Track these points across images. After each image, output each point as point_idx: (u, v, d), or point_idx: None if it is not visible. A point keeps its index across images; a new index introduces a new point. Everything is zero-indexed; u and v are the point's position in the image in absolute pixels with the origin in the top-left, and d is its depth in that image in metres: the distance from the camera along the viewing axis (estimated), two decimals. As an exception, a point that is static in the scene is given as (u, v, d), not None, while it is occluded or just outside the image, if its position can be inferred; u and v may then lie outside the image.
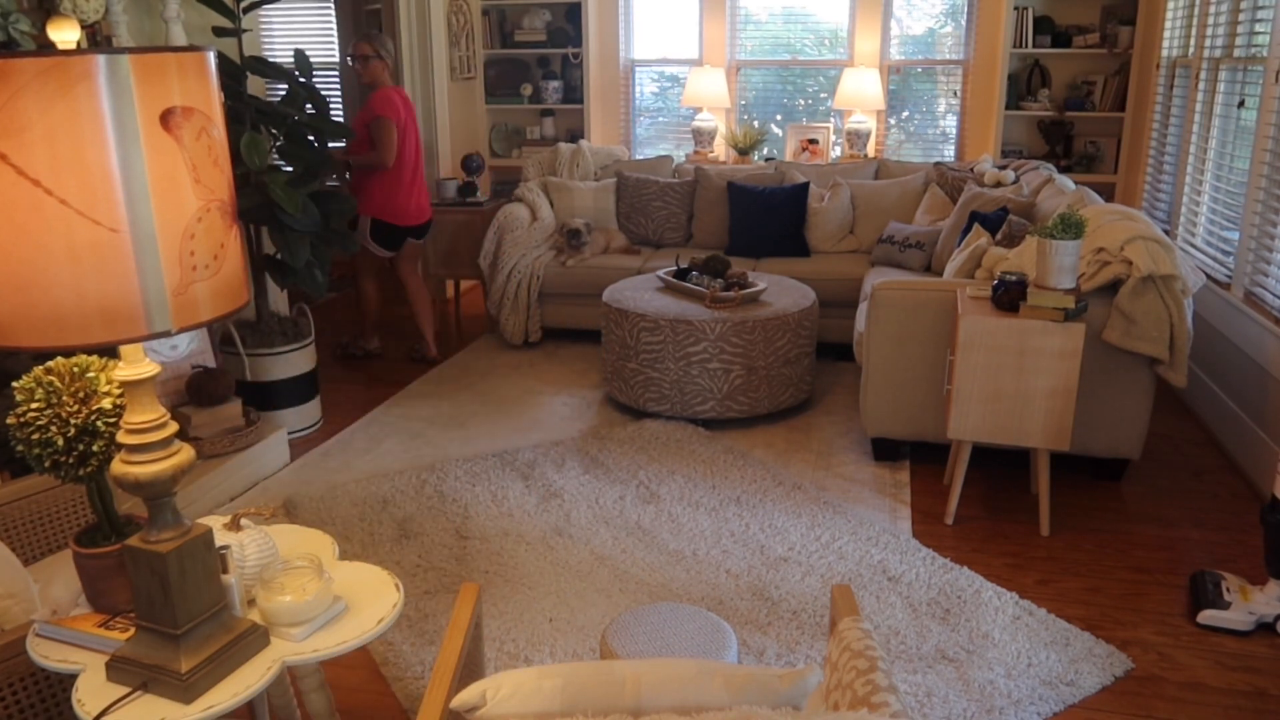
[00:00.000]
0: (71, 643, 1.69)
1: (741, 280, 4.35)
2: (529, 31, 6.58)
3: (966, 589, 2.91)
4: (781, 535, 3.24)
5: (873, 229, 5.39)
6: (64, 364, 1.70)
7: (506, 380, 4.84)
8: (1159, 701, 2.44)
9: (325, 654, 1.67)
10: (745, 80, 6.67)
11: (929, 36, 6.33)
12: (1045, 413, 3.14)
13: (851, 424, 4.20)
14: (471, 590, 1.77)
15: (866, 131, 6.25)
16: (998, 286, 3.21)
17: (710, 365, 4.07)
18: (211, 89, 1.39)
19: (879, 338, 3.63)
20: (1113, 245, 3.29)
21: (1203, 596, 2.78)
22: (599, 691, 1.33)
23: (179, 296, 1.35)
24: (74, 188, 1.24)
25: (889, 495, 3.54)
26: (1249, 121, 4.13)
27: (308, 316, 4.28)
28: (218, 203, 1.40)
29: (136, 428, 1.47)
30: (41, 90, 1.20)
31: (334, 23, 7.42)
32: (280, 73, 3.82)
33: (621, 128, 6.89)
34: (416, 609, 2.83)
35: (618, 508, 3.44)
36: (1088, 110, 5.92)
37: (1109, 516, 3.41)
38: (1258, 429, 3.62)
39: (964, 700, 2.41)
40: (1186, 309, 3.23)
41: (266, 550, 1.82)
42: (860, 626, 1.49)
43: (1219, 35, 4.49)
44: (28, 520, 2.35)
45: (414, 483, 3.65)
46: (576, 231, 5.31)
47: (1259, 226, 3.82)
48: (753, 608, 2.82)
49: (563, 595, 2.90)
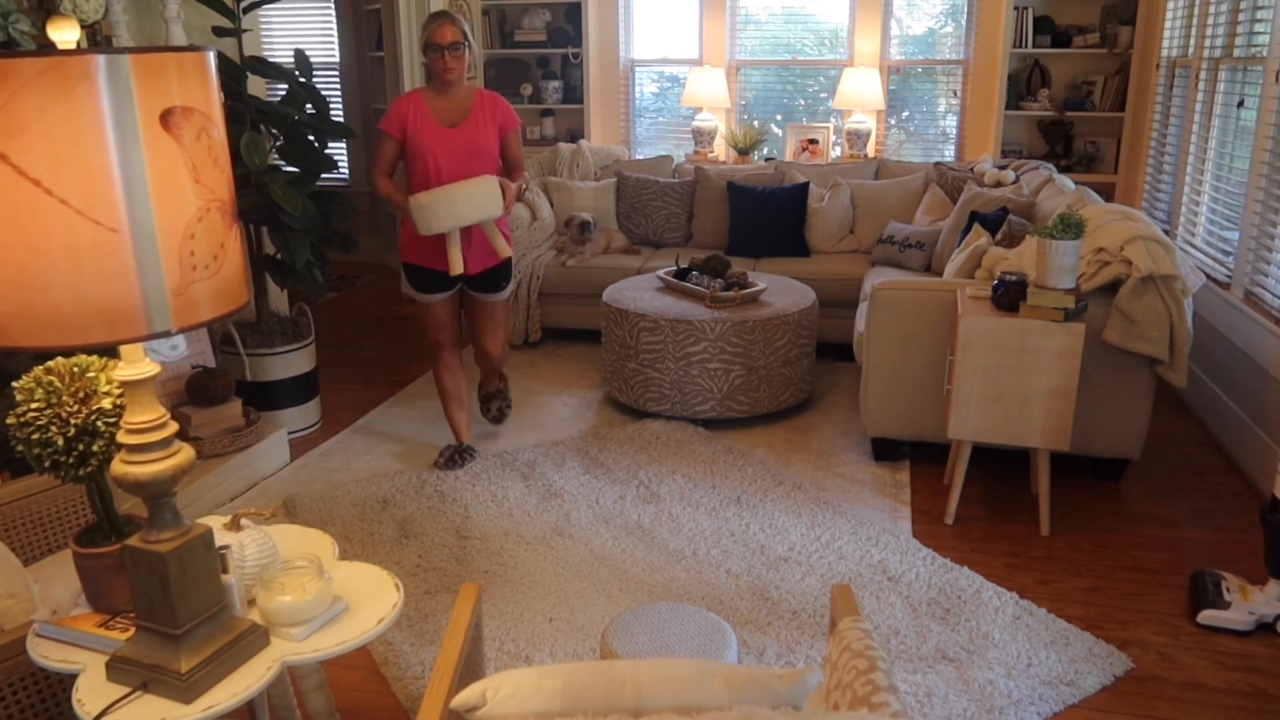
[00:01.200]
0: (71, 643, 1.69)
1: (741, 280, 4.35)
2: (529, 31, 6.58)
3: (966, 589, 2.90)
4: (781, 535, 3.24)
5: (873, 229, 5.39)
6: (64, 364, 1.70)
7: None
8: (1159, 701, 2.44)
9: (325, 654, 1.67)
10: (745, 80, 6.67)
11: (929, 36, 6.33)
12: (1045, 413, 3.14)
13: (851, 424, 4.20)
14: (471, 590, 1.77)
15: (866, 131, 6.24)
16: (998, 286, 3.21)
17: (710, 365, 4.07)
18: (211, 89, 1.39)
19: (879, 338, 3.63)
20: (1113, 245, 3.29)
21: (1203, 596, 2.78)
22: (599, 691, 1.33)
23: (179, 297, 1.35)
24: (74, 188, 1.24)
25: (889, 495, 3.54)
26: (1249, 121, 4.13)
27: (308, 316, 4.28)
28: (218, 203, 1.40)
29: (136, 428, 1.47)
30: (41, 90, 1.20)
31: (334, 23, 7.42)
32: (280, 73, 3.82)
33: (621, 128, 6.89)
34: (416, 609, 2.83)
35: (618, 508, 3.44)
36: (1088, 110, 5.92)
37: (1109, 516, 3.41)
38: (1258, 429, 3.62)
39: (964, 700, 2.41)
40: (1186, 309, 3.23)
41: (266, 550, 1.82)
42: (860, 626, 1.49)
43: (1219, 35, 4.49)
44: (28, 520, 2.35)
45: (414, 483, 3.65)
46: (587, 223, 5.30)
47: (1259, 226, 3.82)
48: (753, 608, 2.82)
49: (563, 595, 2.90)
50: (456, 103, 3.55)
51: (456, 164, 3.51)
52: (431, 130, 3.51)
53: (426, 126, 3.51)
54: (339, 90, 7.51)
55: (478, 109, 3.57)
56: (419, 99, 3.53)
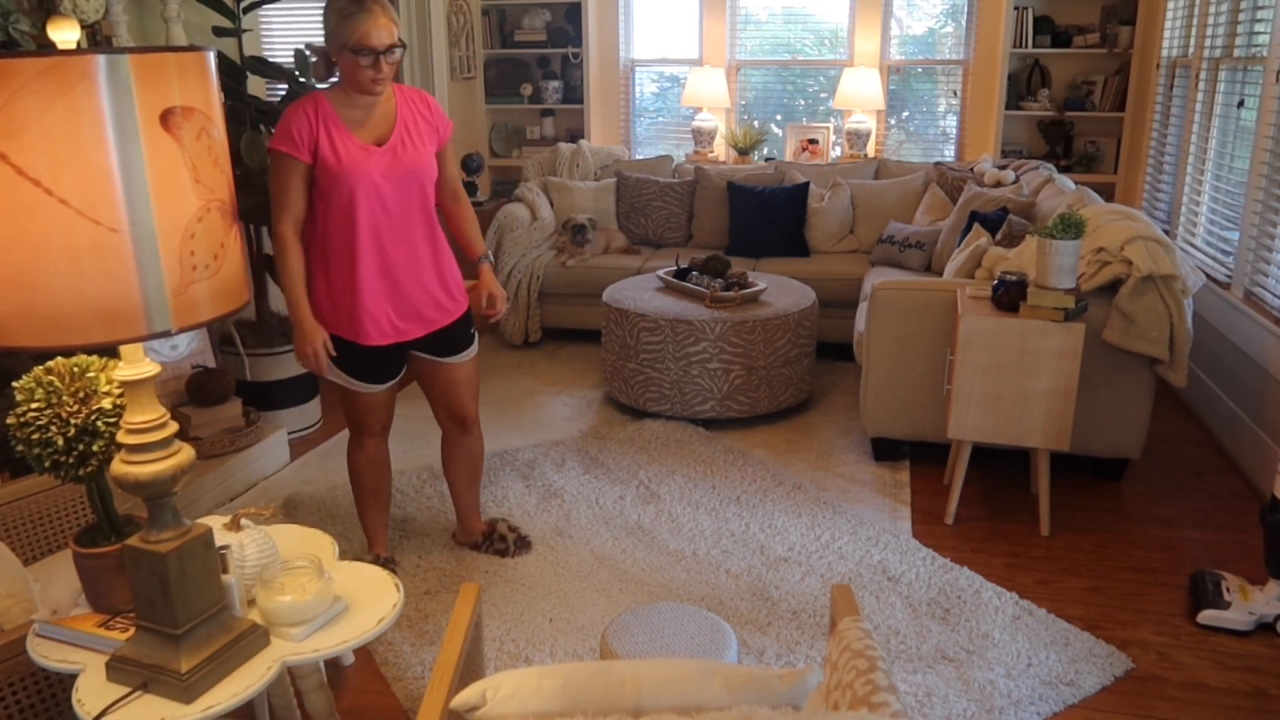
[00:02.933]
0: (71, 643, 1.69)
1: (741, 280, 4.35)
2: (529, 31, 6.58)
3: (966, 589, 2.90)
4: (781, 535, 3.24)
5: (873, 229, 5.39)
6: (64, 364, 1.70)
7: (506, 380, 4.84)
8: (1159, 701, 2.44)
9: (325, 654, 1.67)
10: (745, 80, 6.67)
11: (929, 36, 6.32)
12: (1045, 413, 3.14)
13: (851, 424, 4.20)
14: (471, 590, 1.76)
15: (866, 131, 6.24)
16: (998, 286, 3.21)
17: (710, 365, 4.07)
18: (211, 89, 1.39)
19: (879, 338, 3.63)
20: (1113, 245, 3.29)
21: (1203, 596, 2.78)
22: (599, 691, 1.33)
23: (179, 296, 1.35)
24: (74, 188, 1.24)
25: (889, 495, 3.54)
26: (1249, 121, 4.13)
27: (308, 316, 4.27)
28: (218, 203, 1.40)
29: (136, 428, 1.47)
30: (41, 90, 1.20)
31: (334, 23, 7.41)
32: (280, 73, 3.82)
33: (621, 128, 6.89)
34: (416, 609, 2.83)
35: (618, 508, 3.44)
36: (1088, 110, 5.91)
37: (1109, 516, 3.40)
38: (1258, 429, 3.62)
39: (964, 700, 2.41)
40: (1186, 309, 3.23)
41: (266, 550, 1.82)
42: (860, 626, 1.49)
43: (1219, 35, 4.49)
44: (28, 520, 2.35)
45: (414, 483, 3.65)
46: (583, 226, 5.30)
47: (1259, 226, 3.82)
48: (753, 608, 2.82)
49: (563, 595, 2.90)
50: (375, 109, 2.58)
51: (400, 200, 2.61)
52: (355, 150, 2.53)
53: (347, 145, 2.52)
54: (339, 90, 7.50)
55: (404, 115, 2.63)
56: (326, 107, 2.52)
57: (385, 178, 2.56)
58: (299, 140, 2.48)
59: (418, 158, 2.62)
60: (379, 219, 2.59)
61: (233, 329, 4.02)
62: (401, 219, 2.64)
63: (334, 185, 2.52)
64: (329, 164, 2.50)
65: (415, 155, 2.62)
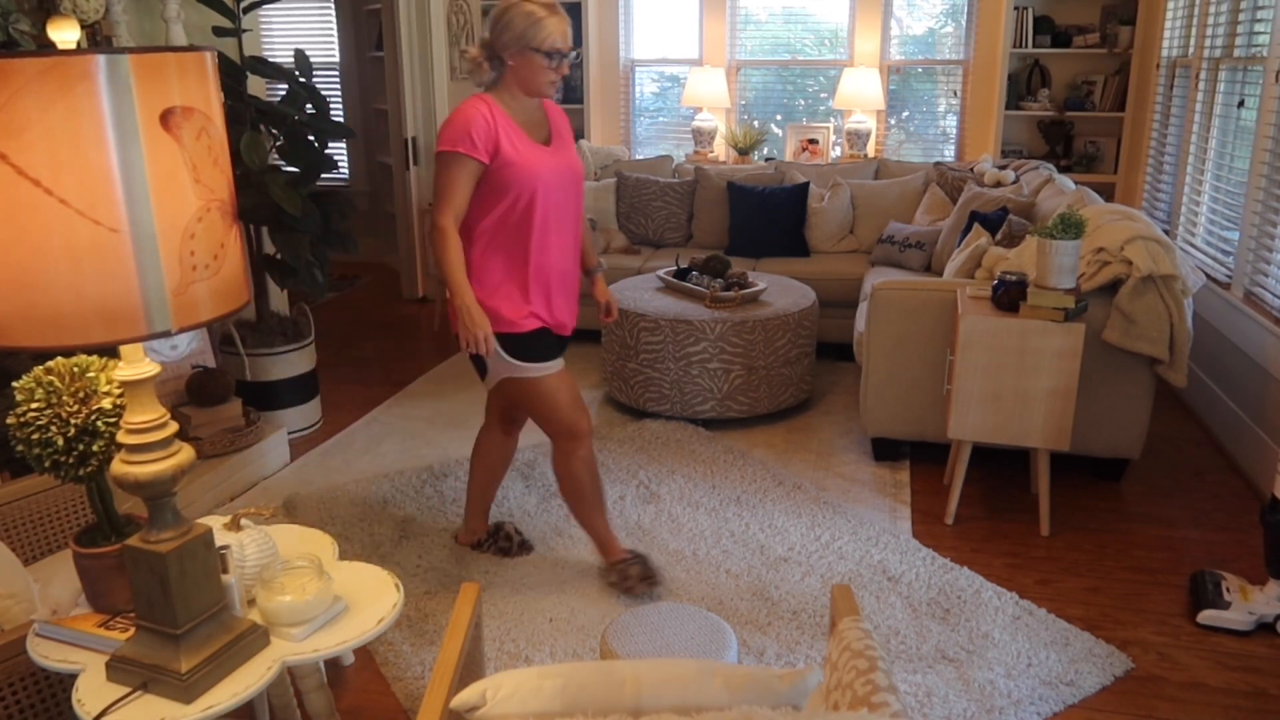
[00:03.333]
0: (71, 643, 1.69)
1: (741, 280, 4.35)
2: (529, 31, 6.57)
3: (966, 589, 2.90)
4: (781, 535, 3.24)
5: (873, 229, 5.39)
6: (64, 364, 1.70)
7: (506, 380, 4.84)
8: (1159, 701, 2.44)
9: (325, 654, 1.67)
10: (745, 80, 6.67)
11: (929, 36, 6.33)
12: (1045, 413, 3.14)
13: (851, 424, 4.20)
14: (471, 590, 1.76)
15: (866, 131, 6.24)
16: (998, 286, 3.21)
17: (710, 365, 4.07)
18: (211, 89, 1.39)
19: (879, 338, 3.63)
20: (1113, 245, 3.29)
21: (1203, 596, 2.78)
22: (599, 691, 1.33)
23: (179, 296, 1.35)
24: (74, 188, 1.24)
25: (889, 495, 3.54)
26: (1249, 121, 4.13)
27: (308, 316, 4.28)
28: (218, 203, 1.40)
29: (136, 428, 1.47)
30: (41, 90, 1.20)
31: (334, 23, 7.42)
32: (280, 73, 3.82)
33: (621, 128, 6.89)
34: (416, 609, 2.83)
35: (618, 508, 3.44)
36: (1088, 110, 5.91)
37: (1109, 516, 3.41)
38: (1258, 429, 3.62)
39: (964, 700, 2.41)
40: (1186, 309, 3.23)
41: (266, 550, 1.83)
42: (860, 626, 1.49)
43: (1219, 35, 4.49)
44: (28, 520, 2.35)
45: (414, 483, 3.65)
46: (590, 221, 5.30)
47: (1259, 226, 3.82)
48: (753, 608, 2.82)
49: (563, 595, 2.90)
50: (535, 112, 2.69)
51: (562, 199, 2.67)
52: (532, 150, 2.59)
53: (524, 145, 2.58)
54: (339, 90, 7.51)
55: (553, 119, 2.74)
56: (498, 108, 2.58)
57: (553, 175, 2.63)
58: (478, 142, 2.52)
59: (574, 159, 2.71)
60: (550, 216, 2.65)
61: (233, 329, 4.02)
62: (571, 217, 2.74)
63: (516, 183, 2.57)
64: (513, 163, 2.55)
65: (571, 157, 2.71)
